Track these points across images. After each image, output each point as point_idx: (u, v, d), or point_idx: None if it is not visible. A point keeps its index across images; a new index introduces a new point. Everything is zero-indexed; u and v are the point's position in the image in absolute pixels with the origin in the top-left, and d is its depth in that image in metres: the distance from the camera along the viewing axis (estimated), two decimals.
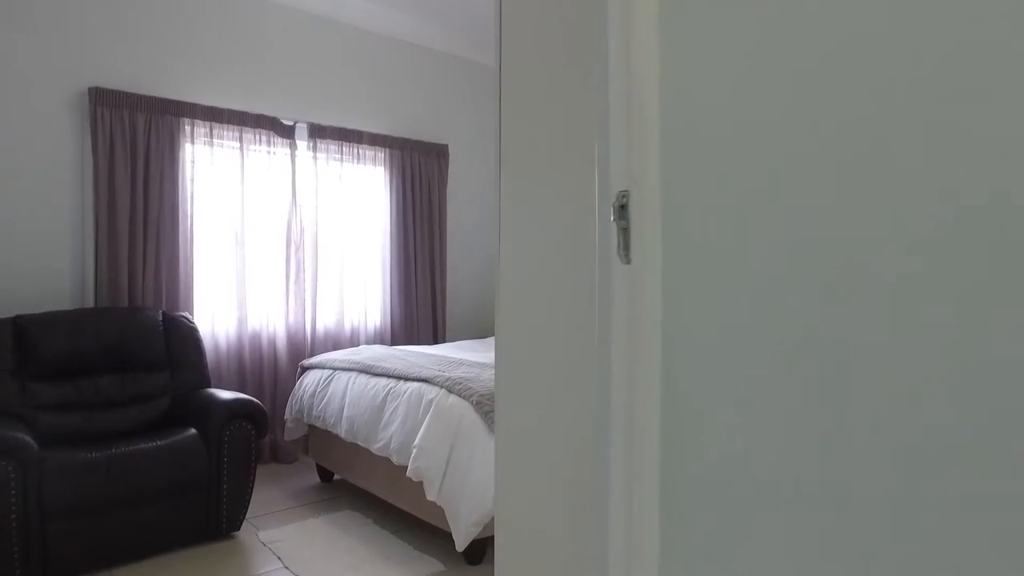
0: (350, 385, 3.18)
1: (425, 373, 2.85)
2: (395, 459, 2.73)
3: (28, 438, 2.48)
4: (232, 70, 3.94)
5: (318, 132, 4.20)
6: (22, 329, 2.96)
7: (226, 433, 2.85)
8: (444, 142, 4.93)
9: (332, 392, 3.29)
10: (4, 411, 2.81)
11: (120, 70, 3.55)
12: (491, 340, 4.34)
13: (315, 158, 4.21)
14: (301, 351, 4.14)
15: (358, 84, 4.50)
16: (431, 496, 2.50)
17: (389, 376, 3.00)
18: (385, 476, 2.94)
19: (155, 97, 3.56)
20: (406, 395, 2.80)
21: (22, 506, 2.40)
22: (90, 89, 3.38)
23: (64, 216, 3.43)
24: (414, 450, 2.54)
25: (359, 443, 3.00)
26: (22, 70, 3.30)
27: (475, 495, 2.41)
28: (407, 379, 2.89)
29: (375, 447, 2.86)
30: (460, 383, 2.64)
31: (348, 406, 3.11)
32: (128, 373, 3.14)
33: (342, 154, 4.33)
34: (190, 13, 3.79)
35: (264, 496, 3.45)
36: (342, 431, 3.11)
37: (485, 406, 2.52)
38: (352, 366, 3.27)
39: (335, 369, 3.40)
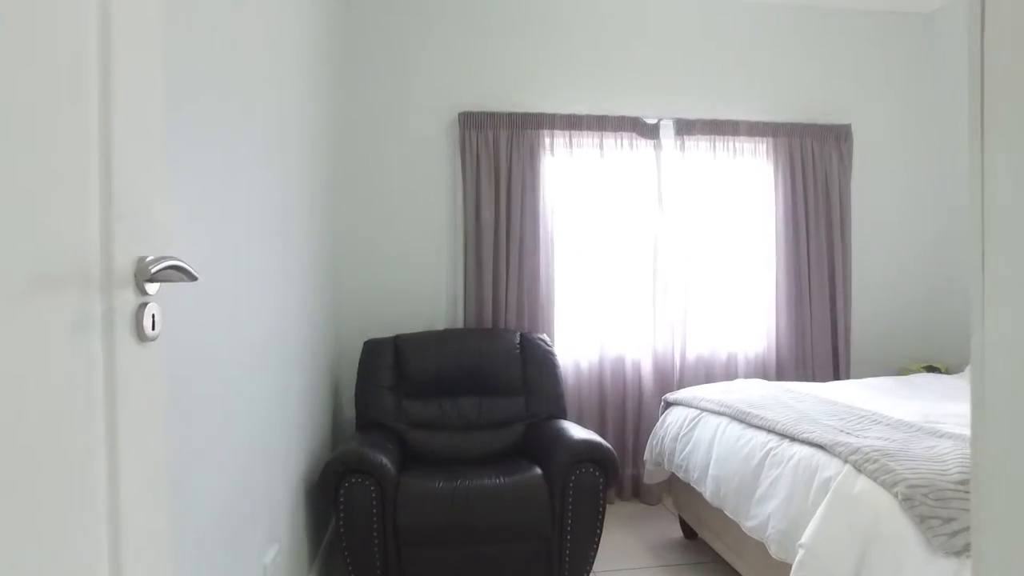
0: (719, 434, 2.52)
1: (820, 434, 2.03)
2: (772, 551, 1.98)
3: (386, 461, 2.48)
4: (589, 74, 3.66)
5: (685, 128, 3.64)
6: (399, 348, 3.09)
7: (571, 478, 2.49)
8: (845, 122, 3.88)
9: (697, 439, 2.67)
10: (383, 425, 2.94)
11: (484, 92, 3.57)
12: (924, 379, 3.13)
13: (683, 157, 3.66)
14: (668, 381, 3.62)
15: (729, 66, 3.80)
16: None
17: (769, 431, 2.25)
18: (759, 562, 2.20)
19: (515, 113, 3.47)
20: (791, 463, 2.02)
21: (381, 527, 2.41)
22: (460, 114, 3.45)
23: (442, 237, 3.57)
24: (800, 551, 1.77)
25: (726, 512, 2.33)
26: (410, 106, 3.53)
27: None
28: (794, 439, 2.11)
29: (746, 524, 2.15)
30: (875, 460, 1.76)
31: (715, 462, 2.46)
32: (486, 397, 3.05)
33: (714, 150, 3.69)
34: (544, 24, 3.63)
35: (619, 542, 3.02)
36: (706, 492, 2.48)
37: (919, 504, 1.60)
38: (723, 409, 2.61)
39: (702, 410, 2.77)
